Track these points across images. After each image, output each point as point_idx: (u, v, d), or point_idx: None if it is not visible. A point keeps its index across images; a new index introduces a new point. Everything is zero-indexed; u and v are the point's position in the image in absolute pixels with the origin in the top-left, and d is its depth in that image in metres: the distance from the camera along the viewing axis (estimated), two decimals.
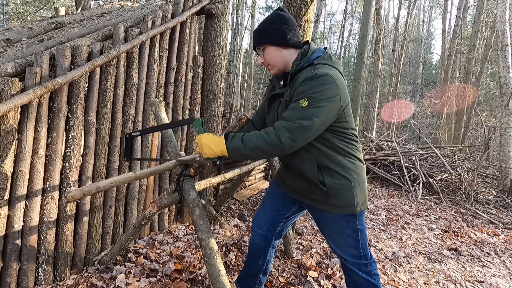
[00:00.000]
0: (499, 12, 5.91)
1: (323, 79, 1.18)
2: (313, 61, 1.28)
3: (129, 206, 2.31)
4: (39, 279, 1.78)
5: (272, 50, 1.36)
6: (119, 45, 2.04)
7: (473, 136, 12.38)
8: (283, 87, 1.36)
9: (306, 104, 1.17)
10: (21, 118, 1.61)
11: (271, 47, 1.35)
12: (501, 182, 5.50)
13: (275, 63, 1.37)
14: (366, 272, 1.38)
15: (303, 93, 1.19)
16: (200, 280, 1.94)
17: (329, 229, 1.40)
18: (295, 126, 1.16)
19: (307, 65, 1.27)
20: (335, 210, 1.32)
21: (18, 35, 2.56)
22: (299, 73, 1.28)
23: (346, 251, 1.38)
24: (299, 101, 1.18)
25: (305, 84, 1.20)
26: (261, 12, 24.95)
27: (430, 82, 28.94)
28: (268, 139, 1.18)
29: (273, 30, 1.34)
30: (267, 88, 1.64)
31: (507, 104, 5.53)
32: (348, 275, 1.45)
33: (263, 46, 1.37)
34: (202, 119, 1.41)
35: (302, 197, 1.43)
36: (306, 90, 1.19)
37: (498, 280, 2.49)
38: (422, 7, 31.12)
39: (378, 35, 11.50)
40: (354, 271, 1.39)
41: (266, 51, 1.37)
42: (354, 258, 1.38)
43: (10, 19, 11.59)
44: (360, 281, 1.39)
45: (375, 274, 1.41)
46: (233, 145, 1.23)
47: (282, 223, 1.61)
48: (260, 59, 1.41)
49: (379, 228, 3.48)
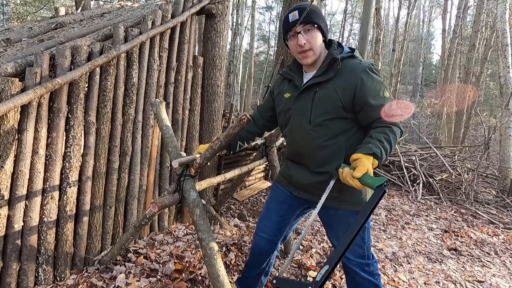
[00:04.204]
0: (499, 12, 5.91)
1: (379, 71, 1.30)
2: (351, 54, 1.33)
3: (129, 206, 2.31)
4: (39, 279, 1.78)
5: (319, 36, 1.33)
6: (119, 45, 2.04)
7: (473, 136, 12.37)
8: (321, 75, 1.31)
9: (388, 95, 1.27)
10: (21, 118, 1.61)
11: (319, 33, 1.33)
12: (501, 182, 5.50)
13: (317, 49, 1.32)
14: (368, 272, 1.37)
15: (378, 84, 1.26)
16: (200, 280, 1.94)
17: (337, 227, 1.38)
18: (399, 116, 1.25)
19: (347, 56, 1.31)
20: (347, 206, 1.32)
21: (18, 35, 2.56)
22: (344, 62, 1.30)
23: (352, 250, 1.36)
24: (382, 92, 1.26)
25: (371, 75, 1.26)
26: (261, 12, 24.97)
27: (430, 82, 28.93)
28: (398, 136, 1.24)
29: (324, 19, 1.35)
30: (276, 82, 1.56)
31: (507, 104, 5.53)
32: (350, 276, 1.43)
33: (316, 27, 1.30)
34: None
35: (312, 195, 1.39)
36: (379, 81, 1.27)
37: (498, 280, 2.49)
38: (422, 7, 31.11)
39: (378, 35, 11.49)
40: (356, 272, 1.37)
41: (314, 33, 1.30)
42: (358, 258, 1.37)
43: (10, 19, 11.58)
44: (361, 282, 1.38)
45: (377, 274, 1.40)
46: (378, 152, 1.16)
47: (288, 227, 1.59)
48: (302, 39, 1.29)
49: (379, 228, 3.48)
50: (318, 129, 1.31)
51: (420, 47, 29.80)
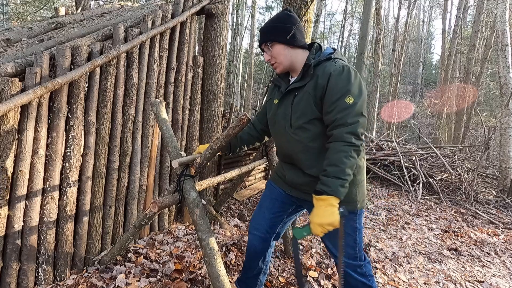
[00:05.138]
0: (499, 12, 5.91)
1: (352, 72, 1.24)
2: (328, 56, 1.33)
3: (129, 206, 2.31)
4: (39, 279, 1.78)
5: (280, 48, 1.37)
6: (119, 45, 2.04)
7: (473, 136, 12.37)
8: (299, 81, 1.36)
9: (352, 101, 1.21)
10: (21, 118, 1.61)
11: (280, 45, 1.37)
12: (501, 182, 5.50)
13: (282, 61, 1.39)
14: (361, 274, 1.39)
15: (341, 89, 1.22)
16: (200, 280, 1.94)
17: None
18: (355, 125, 1.20)
19: (324, 59, 1.32)
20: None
21: (18, 35, 2.56)
22: (319, 65, 1.31)
23: (344, 251, 1.37)
24: (343, 99, 1.21)
25: (337, 78, 1.23)
26: (261, 12, 24.97)
27: (430, 82, 28.94)
28: (347, 153, 1.19)
29: (283, 28, 1.36)
30: (268, 89, 1.63)
31: (507, 104, 5.53)
32: (343, 279, 1.43)
33: (272, 44, 1.38)
34: (295, 227, 1.30)
35: (304, 194, 1.41)
36: (343, 85, 1.22)
37: (498, 280, 2.49)
38: (422, 7, 31.10)
39: (378, 35, 11.50)
40: (349, 274, 1.38)
41: (274, 48, 1.38)
42: (350, 259, 1.38)
43: (10, 19, 11.57)
44: (354, 284, 1.39)
45: (370, 275, 1.41)
46: (335, 188, 1.18)
47: (281, 225, 1.60)
48: (266, 56, 1.42)
49: (379, 228, 3.48)
50: (298, 132, 1.35)
51: (420, 47, 29.81)
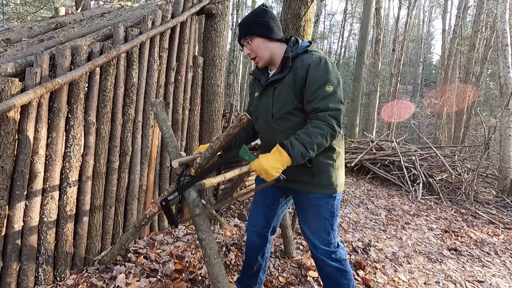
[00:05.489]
0: (499, 12, 5.92)
1: (329, 63, 1.30)
2: (305, 48, 1.39)
3: (129, 206, 2.31)
4: (39, 279, 1.78)
5: (259, 42, 1.42)
6: (119, 45, 2.04)
7: (473, 136, 12.38)
8: (279, 73, 1.41)
9: (332, 89, 1.27)
10: (21, 118, 1.61)
11: (259, 39, 1.42)
12: (501, 182, 5.50)
13: (262, 55, 1.44)
14: (335, 259, 1.45)
15: (321, 78, 1.28)
16: (200, 280, 1.94)
17: (307, 211, 1.46)
18: (337, 111, 1.25)
19: (301, 51, 1.38)
20: (318, 190, 1.39)
21: (18, 35, 2.56)
22: (297, 58, 1.37)
23: (319, 236, 1.43)
24: (324, 88, 1.27)
25: (316, 69, 1.29)
26: None
27: (430, 82, 28.94)
28: (324, 132, 1.23)
29: (261, 23, 1.41)
30: (250, 83, 1.67)
31: (507, 104, 5.53)
32: (319, 267, 1.50)
33: (251, 38, 1.42)
34: (244, 145, 1.32)
35: (290, 183, 1.42)
36: (322, 75, 1.28)
37: (498, 280, 2.49)
38: (422, 7, 31.12)
39: (378, 35, 11.50)
40: (323, 261, 1.44)
41: (253, 42, 1.43)
42: (324, 245, 1.43)
43: (10, 19, 11.58)
44: (330, 271, 1.45)
45: (343, 259, 1.47)
46: (296, 152, 1.21)
47: (275, 218, 1.66)
48: (246, 50, 1.46)
49: (379, 228, 3.48)
50: (280, 122, 1.40)
51: (420, 47, 29.82)
